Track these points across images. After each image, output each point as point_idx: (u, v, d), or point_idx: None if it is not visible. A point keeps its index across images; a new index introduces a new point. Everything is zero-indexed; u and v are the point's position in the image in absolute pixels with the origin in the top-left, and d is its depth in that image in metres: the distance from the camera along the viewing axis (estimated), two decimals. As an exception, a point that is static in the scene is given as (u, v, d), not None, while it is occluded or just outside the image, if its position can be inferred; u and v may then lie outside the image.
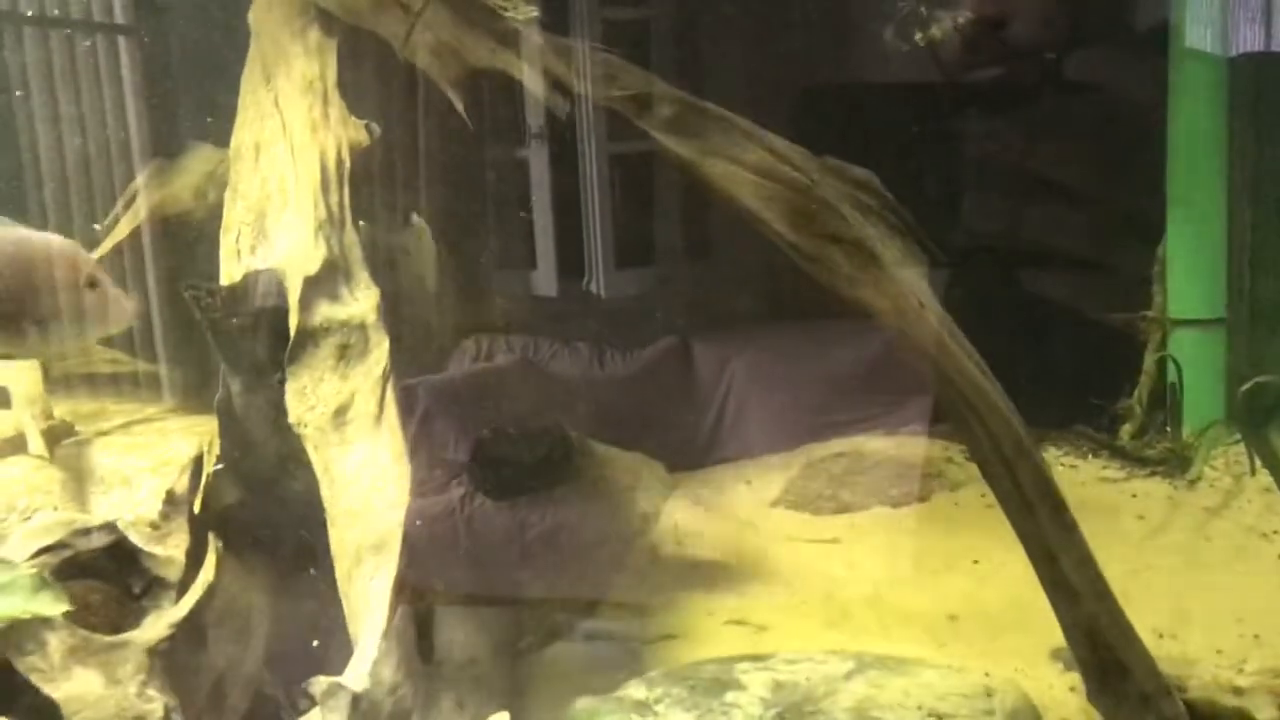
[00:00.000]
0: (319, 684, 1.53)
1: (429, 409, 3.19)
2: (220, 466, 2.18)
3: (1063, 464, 3.12)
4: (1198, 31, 3.19)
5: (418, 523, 1.95)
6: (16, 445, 2.61)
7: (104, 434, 2.73)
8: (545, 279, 3.62)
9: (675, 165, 2.23)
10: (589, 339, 3.61)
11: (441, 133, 2.92)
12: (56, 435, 2.59)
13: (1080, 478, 3.04)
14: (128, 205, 2.91)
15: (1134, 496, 2.95)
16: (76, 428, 2.71)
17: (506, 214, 3.56)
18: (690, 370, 3.57)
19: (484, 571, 2.81)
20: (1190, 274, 3.23)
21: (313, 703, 1.75)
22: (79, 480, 2.47)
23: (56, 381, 2.78)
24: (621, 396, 3.49)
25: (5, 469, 2.49)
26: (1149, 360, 3.20)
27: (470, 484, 3.04)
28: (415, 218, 2.58)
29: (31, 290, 1.58)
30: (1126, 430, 3.18)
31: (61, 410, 2.71)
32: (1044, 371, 2.81)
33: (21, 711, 1.56)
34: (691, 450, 3.46)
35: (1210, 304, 3.23)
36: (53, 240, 1.64)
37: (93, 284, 1.63)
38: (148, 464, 2.57)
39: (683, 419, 3.52)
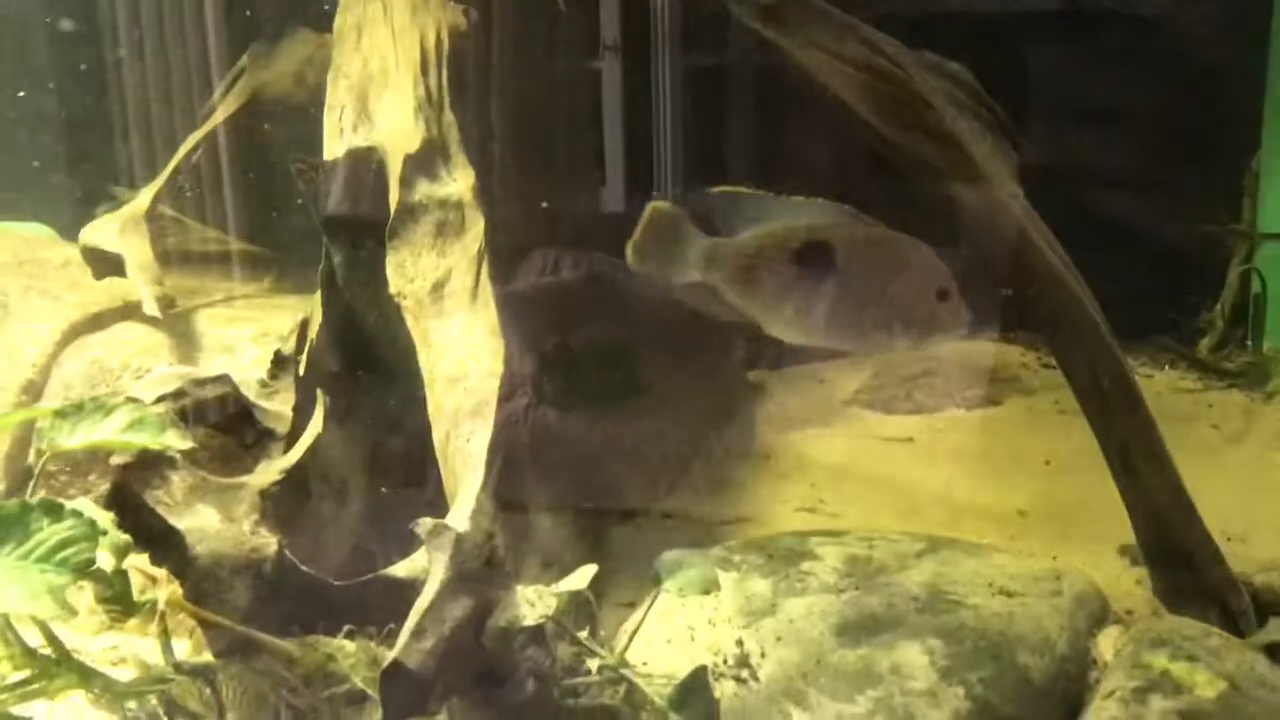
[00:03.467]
0: (424, 524, 1.62)
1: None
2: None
3: (1140, 374, 3.12)
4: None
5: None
6: (125, 313, 2.75)
7: (207, 306, 2.85)
8: (614, 195, 3.64)
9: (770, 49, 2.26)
10: None
11: (515, 43, 2.95)
12: (163, 305, 2.70)
13: (1156, 387, 3.05)
14: (229, 88, 2.99)
15: (1210, 407, 2.96)
16: (177, 301, 2.83)
17: (578, 128, 3.58)
18: None
19: (547, 478, 2.89)
20: (1283, 187, 3.19)
21: (411, 550, 1.87)
22: (186, 346, 2.60)
23: (157, 258, 2.89)
24: (687, 312, 3.52)
25: (119, 332, 2.62)
26: (1233, 273, 3.18)
27: (535, 395, 3.09)
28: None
29: (885, 295, 1.59)
30: (1205, 343, 3.17)
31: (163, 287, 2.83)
32: (1125, 282, 2.81)
33: (150, 537, 1.68)
34: (757, 364, 3.50)
35: (1302, 218, 3.20)
36: (914, 247, 1.64)
37: (944, 296, 1.61)
38: (248, 334, 2.68)
39: (750, 333, 3.55)
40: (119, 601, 1.71)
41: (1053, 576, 1.98)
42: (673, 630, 1.87)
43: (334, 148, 2.37)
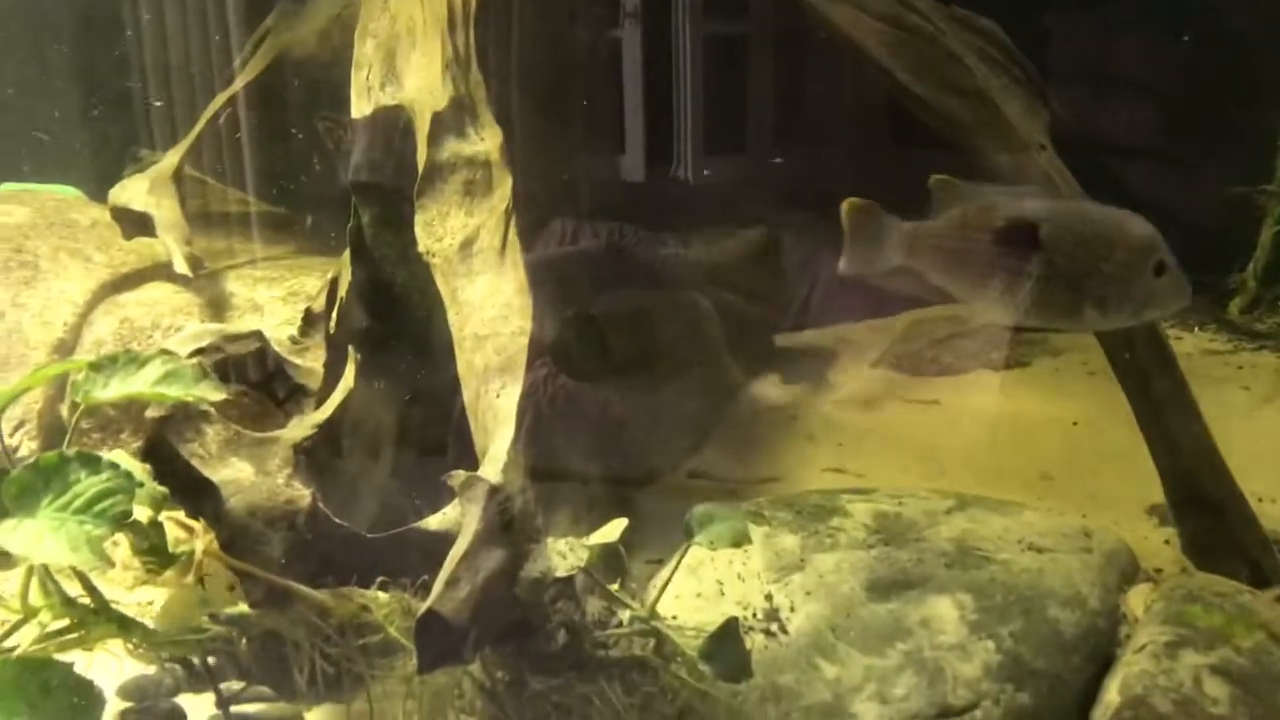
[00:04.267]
0: (457, 476, 1.63)
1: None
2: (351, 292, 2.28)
3: (1169, 335, 3.09)
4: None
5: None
6: (155, 273, 2.77)
7: (234, 268, 2.87)
8: (633, 164, 3.62)
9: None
10: (675, 226, 3.63)
11: (535, 11, 2.93)
12: (192, 265, 2.72)
13: (1186, 349, 3.03)
14: (255, 48, 2.99)
15: (1240, 369, 2.94)
16: (205, 262, 2.84)
17: (597, 96, 3.56)
18: (777, 260, 3.58)
19: (570, 444, 2.89)
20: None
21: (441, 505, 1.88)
22: (216, 305, 2.61)
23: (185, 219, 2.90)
24: (705, 284, 3.50)
25: (149, 291, 2.64)
26: (1266, 234, 3.16)
27: (553, 364, 3.09)
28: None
29: (1098, 273, 1.55)
30: (1236, 304, 3.15)
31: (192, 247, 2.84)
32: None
33: (185, 489, 1.70)
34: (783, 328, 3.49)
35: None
36: (1126, 220, 1.58)
37: (1160, 270, 1.55)
38: (278, 294, 2.70)
39: (767, 309, 3.54)
40: (155, 553, 1.73)
41: (1082, 534, 1.98)
42: (702, 585, 1.88)
43: (361, 106, 2.37)
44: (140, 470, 1.61)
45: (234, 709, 1.83)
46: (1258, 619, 1.68)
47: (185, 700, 1.93)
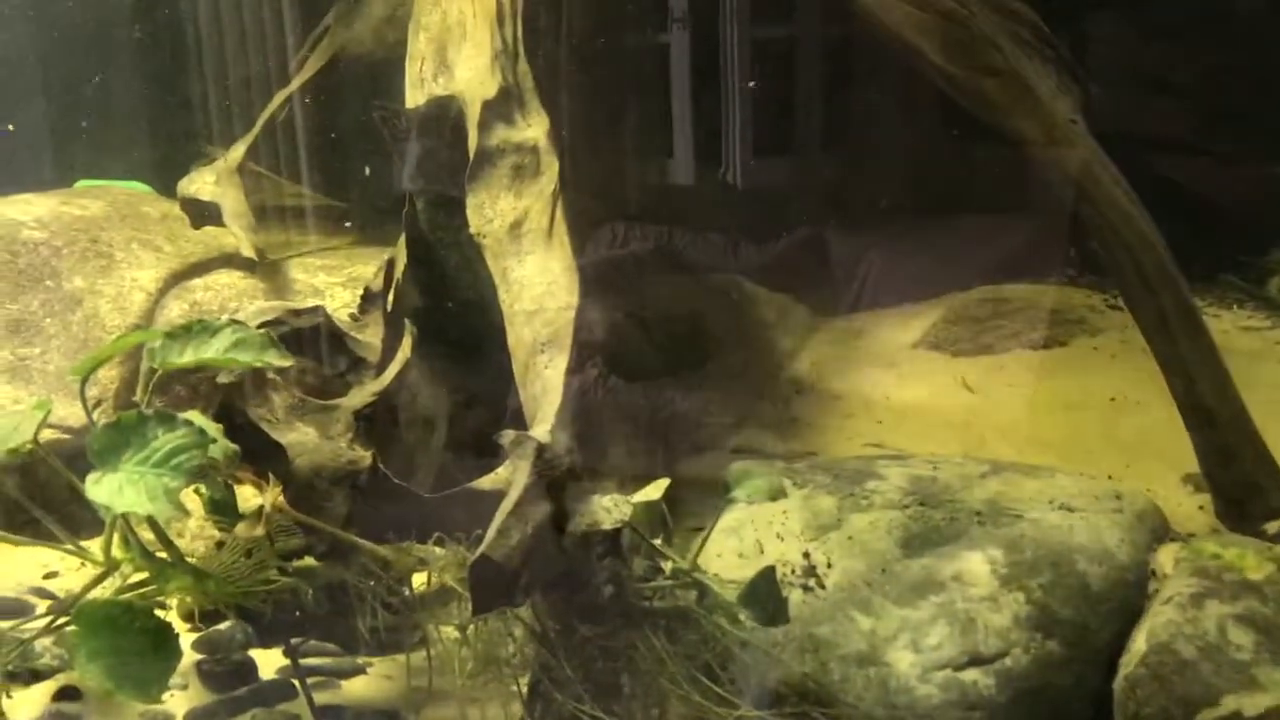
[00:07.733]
0: (507, 435, 1.73)
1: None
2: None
3: (1207, 313, 3.12)
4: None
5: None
6: (222, 262, 2.90)
7: (296, 257, 3.00)
8: (682, 168, 3.68)
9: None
10: (724, 229, 3.69)
11: (584, 17, 3.02)
12: (257, 255, 2.85)
13: (1223, 326, 3.05)
14: (314, 46, 3.12)
15: (1277, 344, 2.96)
16: (268, 253, 2.97)
17: (646, 101, 3.63)
18: (825, 262, 3.64)
19: (616, 443, 2.96)
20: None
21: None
22: (279, 290, 2.74)
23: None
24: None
25: (216, 278, 2.78)
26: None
27: (604, 365, 3.17)
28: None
29: None
30: (1275, 282, 3.18)
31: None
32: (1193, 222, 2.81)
33: (253, 449, 1.81)
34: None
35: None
36: None
37: None
38: (338, 281, 2.82)
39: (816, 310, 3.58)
40: (224, 509, 1.84)
41: (1113, 495, 2.03)
42: (743, 545, 1.96)
43: (415, 96, 2.48)
44: (213, 428, 1.73)
45: (302, 662, 1.95)
46: (1270, 553, 1.73)
47: (255, 654, 2.04)
